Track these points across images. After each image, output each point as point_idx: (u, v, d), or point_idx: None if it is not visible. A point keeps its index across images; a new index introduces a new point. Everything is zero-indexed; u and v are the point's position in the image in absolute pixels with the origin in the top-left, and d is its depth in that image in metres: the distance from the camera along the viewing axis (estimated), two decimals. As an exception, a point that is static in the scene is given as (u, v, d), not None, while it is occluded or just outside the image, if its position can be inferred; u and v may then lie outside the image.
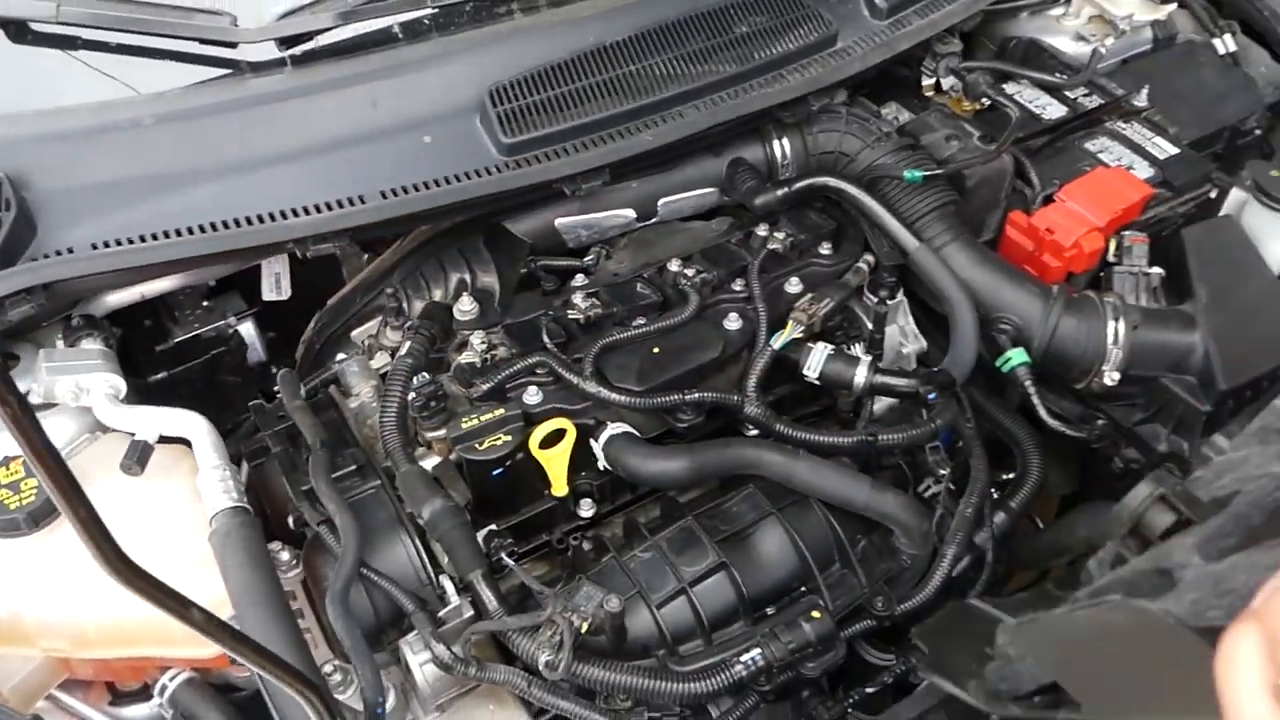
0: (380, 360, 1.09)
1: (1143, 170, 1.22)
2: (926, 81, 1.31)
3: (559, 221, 1.11)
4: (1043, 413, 1.07)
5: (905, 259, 1.10)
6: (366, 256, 1.19)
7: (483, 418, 0.94)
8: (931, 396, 1.01)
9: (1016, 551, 1.10)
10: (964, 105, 1.30)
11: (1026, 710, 0.65)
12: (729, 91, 1.09)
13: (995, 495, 1.04)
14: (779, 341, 1.01)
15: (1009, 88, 1.32)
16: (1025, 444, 1.10)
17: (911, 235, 1.09)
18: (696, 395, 0.98)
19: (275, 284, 1.20)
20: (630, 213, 1.13)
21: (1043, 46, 1.39)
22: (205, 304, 1.18)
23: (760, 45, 1.12)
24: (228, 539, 0.84)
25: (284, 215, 0.98)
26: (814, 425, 1.06)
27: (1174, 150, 1.24)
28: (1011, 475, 1.11)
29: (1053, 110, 1.29)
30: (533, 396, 0.97)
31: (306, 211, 0.99)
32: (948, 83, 1.25)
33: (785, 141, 1.16)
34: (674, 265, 1.08)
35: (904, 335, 1.15)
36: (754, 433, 1.04)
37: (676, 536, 0.95)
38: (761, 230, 1.12)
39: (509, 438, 0.93)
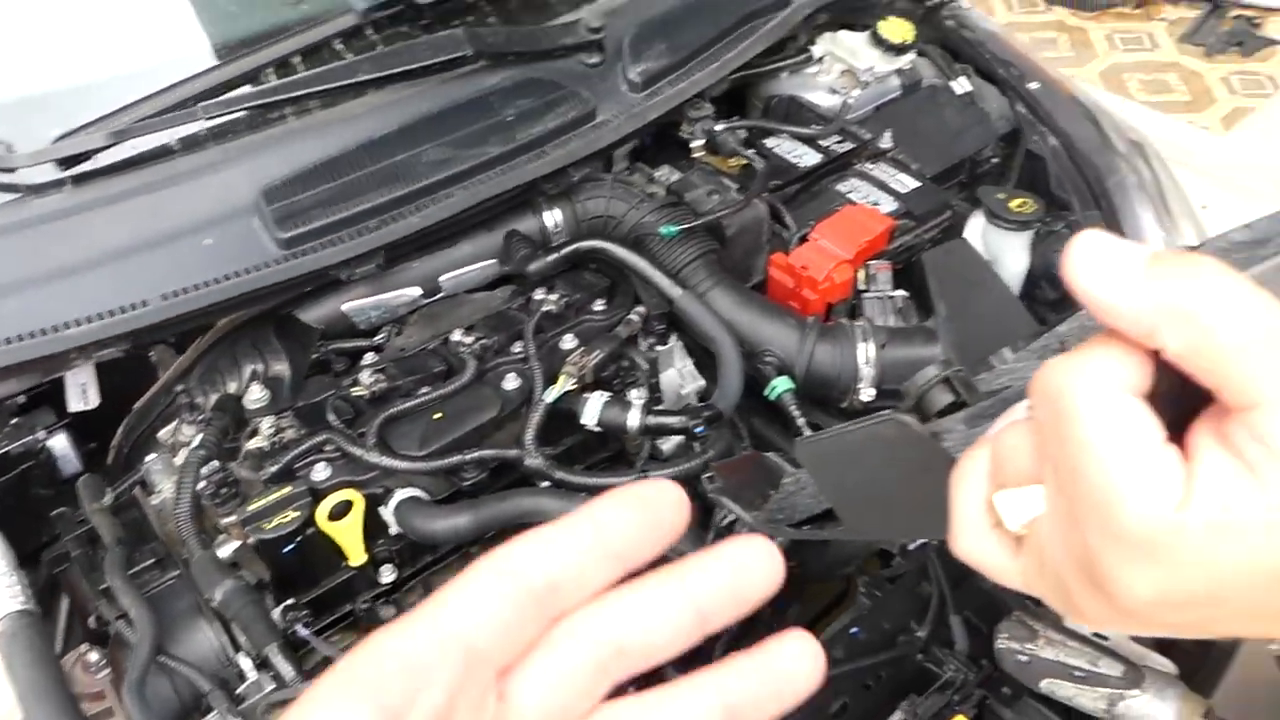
0: (183, 457, 1.13)
1: (887, 205, 1.35)
2: (696, 144, 1.42)
3: (346, 306, 1.18)
4: (806, 432, 1.16)
5: (671, 306, 1.19)
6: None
7: (270, 498, 0.99)
8: (700, 430, 1.10)
9: (806, 562, 1.19)
10: (729, 162, 1.41)
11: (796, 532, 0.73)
12: (494, 171, 1.18)
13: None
14: (551, 395, 1.08)
15: (770, 142, 1.45)
16: (787, 459, 1.20)
17: (675, 285, 1.18)
18: (477, 454, 1.05)
19: (82, 394, 1.23)
20: (415, 290, 1.21)
21: (801, 102, 1.52)
22: (14, 421, 1.21)
23: (523, 126, 1.21)
24: (13, 640, 0.87)
25: (65, 326, 1.03)
26: (604, 469, 1.14)
27: (916, 184, 1.38)
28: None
29: (808, 158, 1.42)
30: (320, 472, 1.02)
31: (89, 320, 1.03)
32: (700, 144, 1.36)
33: (555, 211, 1.25)
34: (457, 335, 1.15)
35: (682, 377, 1.24)
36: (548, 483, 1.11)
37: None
38: (539, 294, 1.20)
39: (296, 514, 0.98)
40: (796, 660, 0.35)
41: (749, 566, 0.35)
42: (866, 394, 1.18)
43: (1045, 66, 1.55)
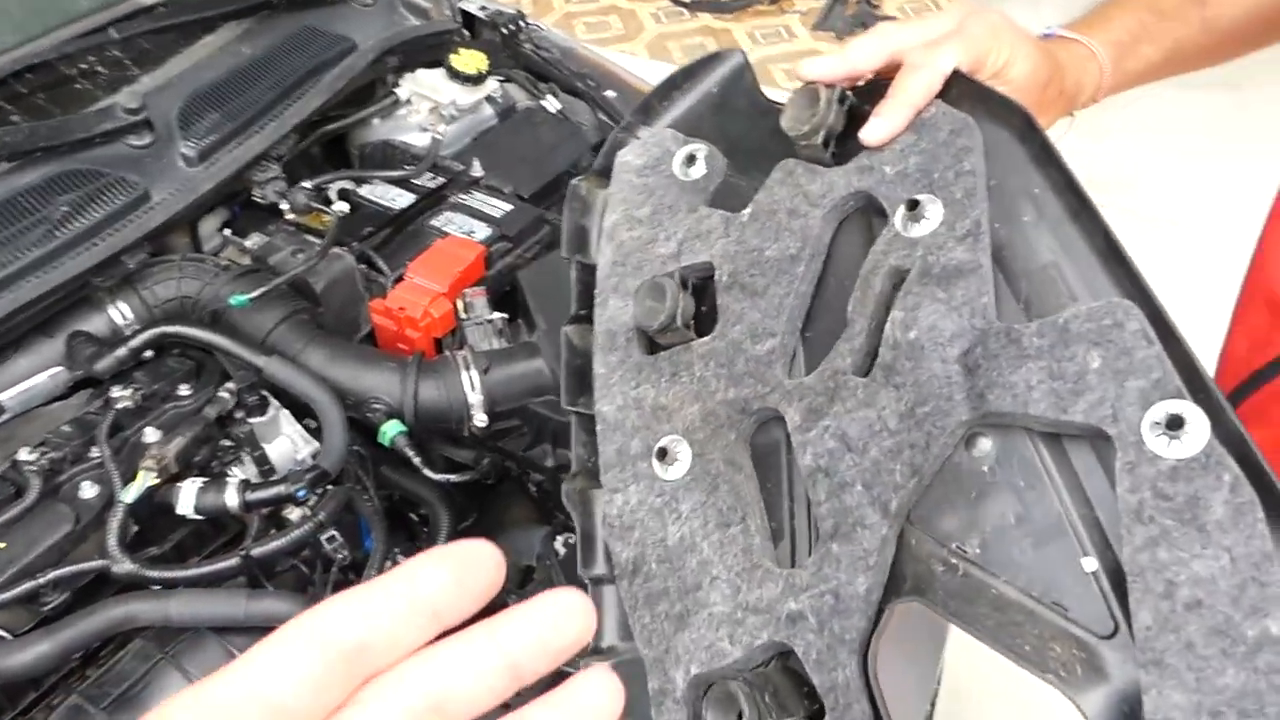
0: None
1: (482, 231, 1.37)
2: (284, 206, 1.39)
3: (-110, 450, 1.07)
4: (425, 470, 1.16)
5: (260, 376, 1.16)
6: None
7: None
8: (301, 494, 1.07)
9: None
10: (323, 219, 1.39)
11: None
12: (36, 274, 1.11)
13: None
14: (130, 494, 1.02)
15: (365, 190, 1.44)
16: (430, 499, 1.19)
17: (257, 354, 1.15)
18: (52, 575, 0.97)
19: None
20: (-26, 416, 1.11)
21: (394, 144, 1.53)
22: None
23: (65, 222, 1.15)
24: None
25: None
26: (212, 557, 1.09)
27: (509, 207, 1.41)
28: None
29: (402, 200, 1.42)
30: None
31: None
32: (278, 202, 1.33)
33: (120, 303, 1.19)
34: (23, 454, 1.07)
35: (295, 442, 1.20)
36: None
37: (65, 717, 0.93)
38: (115, 392, 1.14)
39: None
40: (598, 696, 0.36)
41: (561, 619, 0.36)
42: (480, 419, 1.18)
43: (621, 72, 1.63)
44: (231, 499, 1.05)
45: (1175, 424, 0.55)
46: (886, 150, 0.71)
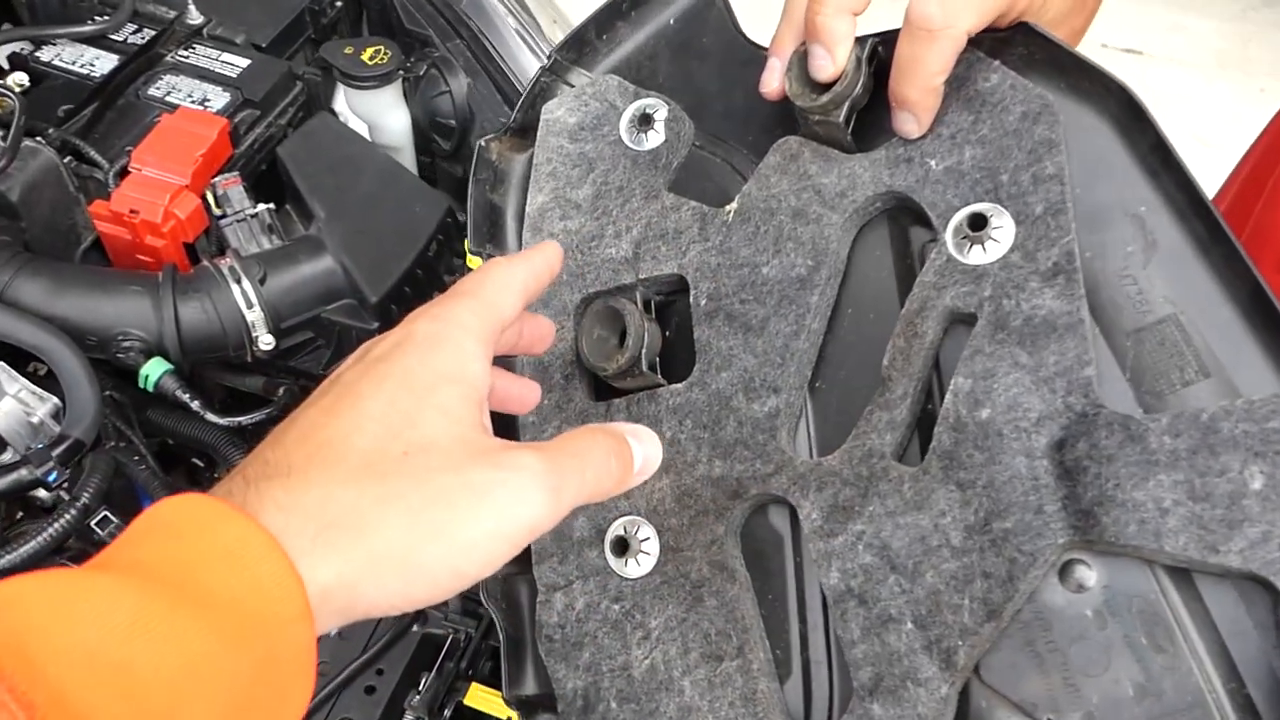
0: None
1: (219, 99, 1.09)
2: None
3: None
4: (207, 415, 0.94)
5: (-43, 328, 0.88)
6: None
7: None
8: (51, 477, 0.83)
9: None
10: (3, 103, 1.06)
11: None
12: None
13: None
14: None
15: (46, 54, 1.11)
16: (219, 444, 0.98)
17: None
18: None
19: None
20: None
21: (74, -11, 1.19)
22: None
23: None
24: None
25: None
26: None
27: (245, 62, 1.13)
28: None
29: (102, 63, 1.11)
30: None
31: None
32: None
33: None
34: None
35: (27, 403, 0.94)
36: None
37: None
38: None
39: None
40: None
41: None
42: (265, 341, 0.97)
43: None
44: (-50, 500, 0.81)
45: None
46: (930, 136, 0.54)
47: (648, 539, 0.56)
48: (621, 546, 0.57)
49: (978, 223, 0.51)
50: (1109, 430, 0.46)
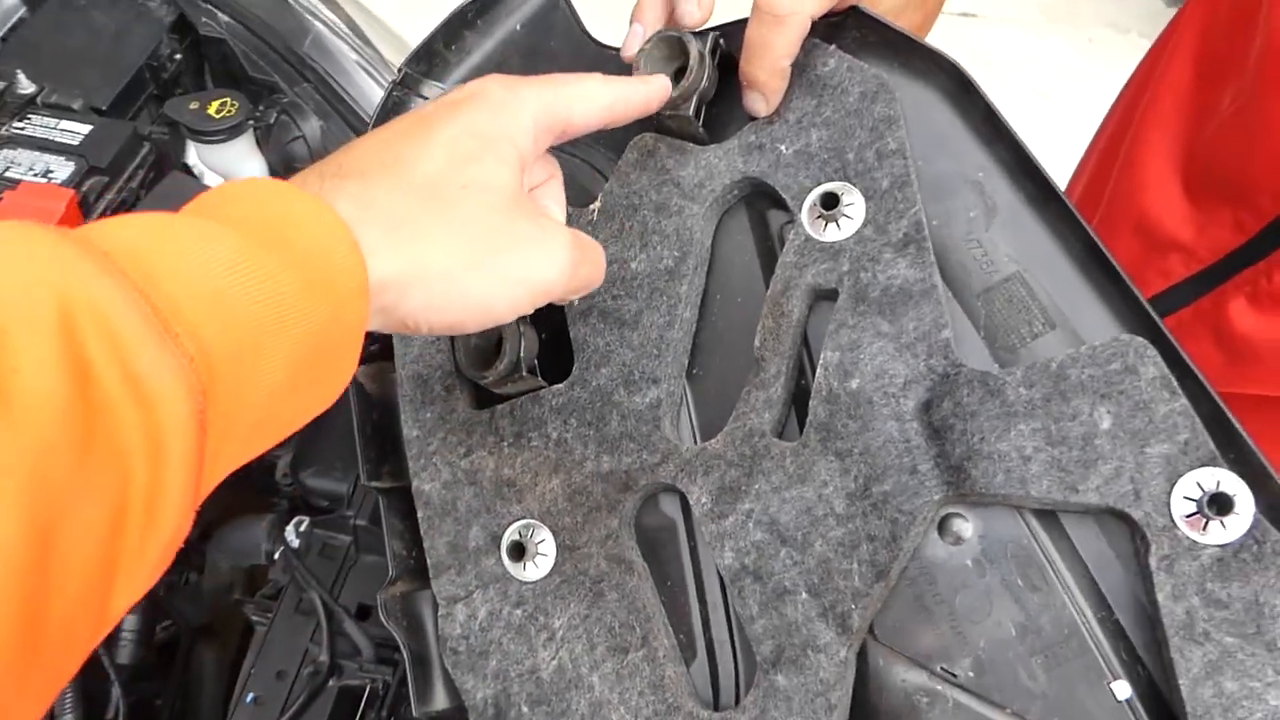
0: None
1: (63, 169, 1.06)
2: None
3: None
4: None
5: None
6: None
7: None
8: None
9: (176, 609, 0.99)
10: None
11: None
12: None
13: None
14: None
15: None
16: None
17: None
18: None
19: None
20: None
21: (-109, 69, 1.14)
22: None
23: None
24: None
25: None
26: None
27: (87, 128, 1.10)
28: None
29: (-69, 145, 1.07)
30: None
31: None
32: None
33: None
34: None
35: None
36: None
37: None
38: None
39: None
40: None
41: None
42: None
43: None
44: None
45: (1219, 503, 0.45)
46: (778, 122, 0.56)
47: (543, 540, 0.57)
48: (518, 551, 0.58)
49: (830, 201, 0.53)
50: (970, 388, 0.49)
